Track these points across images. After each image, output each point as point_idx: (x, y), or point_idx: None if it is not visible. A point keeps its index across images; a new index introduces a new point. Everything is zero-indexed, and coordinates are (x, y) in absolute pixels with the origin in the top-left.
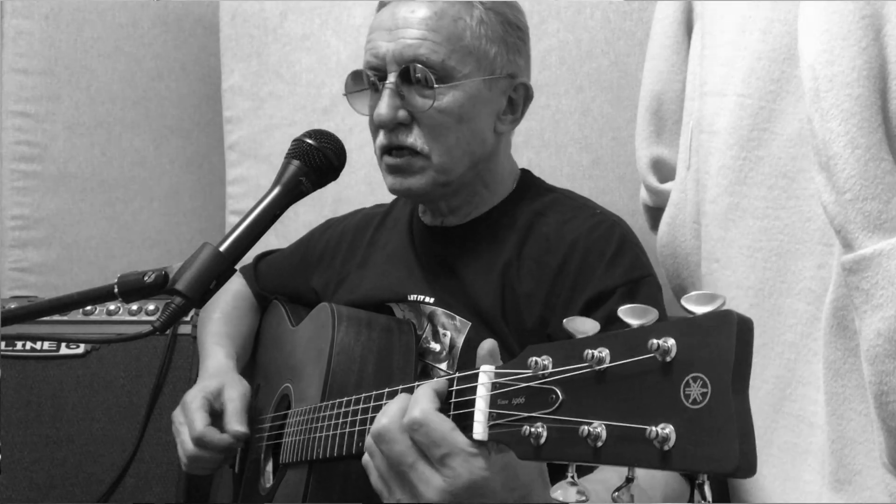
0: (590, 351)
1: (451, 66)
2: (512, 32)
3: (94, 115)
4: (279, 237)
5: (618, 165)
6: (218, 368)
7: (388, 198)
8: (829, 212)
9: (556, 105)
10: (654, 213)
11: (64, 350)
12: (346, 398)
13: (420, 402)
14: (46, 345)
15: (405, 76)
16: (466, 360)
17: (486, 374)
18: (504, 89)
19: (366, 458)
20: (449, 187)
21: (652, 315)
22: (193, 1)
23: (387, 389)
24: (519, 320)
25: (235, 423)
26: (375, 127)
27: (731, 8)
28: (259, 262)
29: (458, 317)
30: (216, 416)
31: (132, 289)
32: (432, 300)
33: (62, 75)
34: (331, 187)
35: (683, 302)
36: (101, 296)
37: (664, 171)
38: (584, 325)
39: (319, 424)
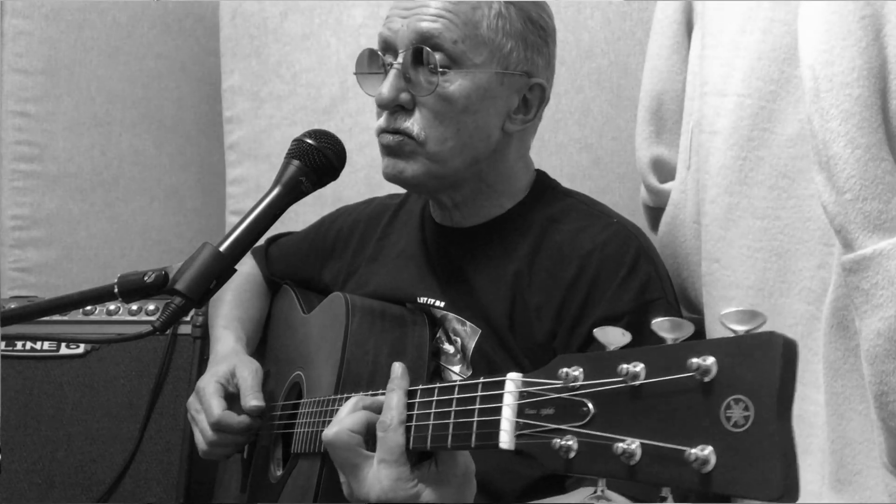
0: (625, 366)
1: (463, 50)
2: (534, 31)
3: (94, 115)
4: None
5: (618, 165)
6: (227, 352)
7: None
8: (829, 212)
9: (556, 105)
10: (654, 213)
11: (64, 350)
12: (360, 391)
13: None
14: (46, 345)
15: (416, 58)
16: (477, 368)
17: (512, 382)
18: (518, 87)
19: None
20: (444, 180)
21: (687, 329)
22: (193, 1)
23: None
24: (528, 333)
25: (251, 398)
26: (377, 107)
27: (731, 8)
28: (270, 246)
29: (468, 322)
30: (232, 398)
31: (132, 289)
32: (443, 304)
33: (62, 75)
34: (331, 187)
35: (723, 319)
36: (101, 296)
37: (664, 171)
38: (615, 336)
39: (333, 418)
